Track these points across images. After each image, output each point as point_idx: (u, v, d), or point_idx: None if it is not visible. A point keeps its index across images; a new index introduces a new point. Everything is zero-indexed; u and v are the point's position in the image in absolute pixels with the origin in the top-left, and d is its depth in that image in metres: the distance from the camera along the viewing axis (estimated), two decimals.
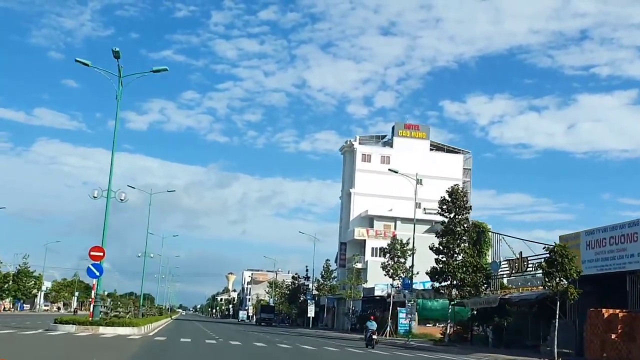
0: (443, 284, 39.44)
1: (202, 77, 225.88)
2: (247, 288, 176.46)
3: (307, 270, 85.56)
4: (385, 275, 50.64)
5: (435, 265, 39.16)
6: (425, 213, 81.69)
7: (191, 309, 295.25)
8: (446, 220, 39.77)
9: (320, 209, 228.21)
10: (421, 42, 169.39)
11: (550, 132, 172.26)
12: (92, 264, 26.42)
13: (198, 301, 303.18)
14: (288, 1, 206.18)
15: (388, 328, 49.57)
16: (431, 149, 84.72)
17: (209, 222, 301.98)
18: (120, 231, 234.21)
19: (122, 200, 27.35)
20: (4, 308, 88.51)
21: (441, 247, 39.20)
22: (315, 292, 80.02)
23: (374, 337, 31.61)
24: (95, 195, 27.01)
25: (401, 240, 51.65)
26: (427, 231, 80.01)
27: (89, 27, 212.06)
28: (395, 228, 79.23)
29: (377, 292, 64.37)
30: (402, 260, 50.28)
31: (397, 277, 50.03)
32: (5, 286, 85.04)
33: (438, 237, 39.74)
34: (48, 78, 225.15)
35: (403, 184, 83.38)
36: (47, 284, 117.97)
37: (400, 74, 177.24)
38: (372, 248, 76.25)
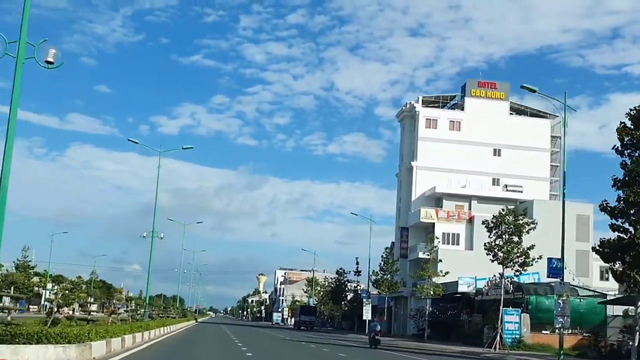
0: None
1: (231, 81, 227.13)
2: (280, 288, 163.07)
3: (357, 263, 70.09)
4: (492, 260, 34.96)
5: (617, 235, 23.29)
6: (507, 190, 65.61)
7: (222, 312, 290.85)
8: (628, 161, 23.84)
9: (349, 211, 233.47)
10: (450, 43, 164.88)
11: (582, 131, 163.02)
12: None
13: (228, 303, 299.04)
14: (316, 4, 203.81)
15: (497, 337, 34.03)
16: (511, 113, 68.40)
17: (239, 225, 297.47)
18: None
19: (49, 63, 12.27)
20: None
21: (623, 207, 23.30)
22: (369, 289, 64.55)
23: (377, 337, 33.93)
24: None
25: (513, 210, 36.04)
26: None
27: (120, 33, 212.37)
28: (469, 208, 63.32)
29: (460, 288, 48.68)
30: (514, 239, 34.72)
31: (509, 263, 34.45)
32: None
33: (617, 189, 23.80)
34: (80, 84, 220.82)
35: (477, 154, 67.56)
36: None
37: (429, 75, 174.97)
38: (443, 234, 60.33)
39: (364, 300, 59.58)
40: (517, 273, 34.92)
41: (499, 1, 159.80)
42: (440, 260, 47.50)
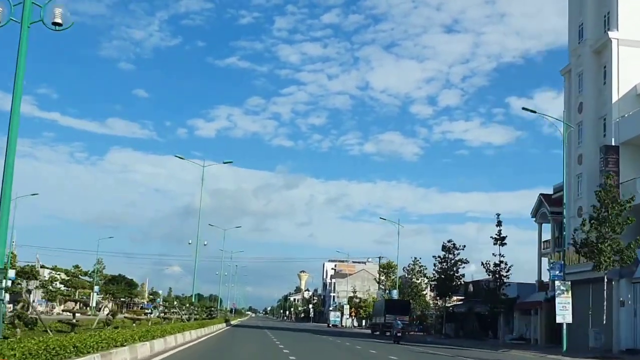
0: None
1: (267, 83, 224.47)
2: (330, 283, 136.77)
3: (499, 224, 40.38)
4: None
5: None
6: None
7: (261, 312, 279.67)
8: None
9: (385, 210, 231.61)
10: (486, 39, 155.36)
11: None
12: None
13: (267, 304, 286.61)
14: (350, 3, 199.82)
15: None
16: None
17: (276, 225, 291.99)
18: (194, 236, 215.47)
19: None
20: None
21: None
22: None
23: (399, 334, 37.94)
24: None
25: None
26: None
27: (157, 37, 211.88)
28: None
29: None
30: None
31: None
32: None
33: None
34: (119, 88, 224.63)
35: None
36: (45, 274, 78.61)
37: (465, 72, 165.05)
38: None
39: (558, 284, 29.56)
40: None
41: None
42: None
